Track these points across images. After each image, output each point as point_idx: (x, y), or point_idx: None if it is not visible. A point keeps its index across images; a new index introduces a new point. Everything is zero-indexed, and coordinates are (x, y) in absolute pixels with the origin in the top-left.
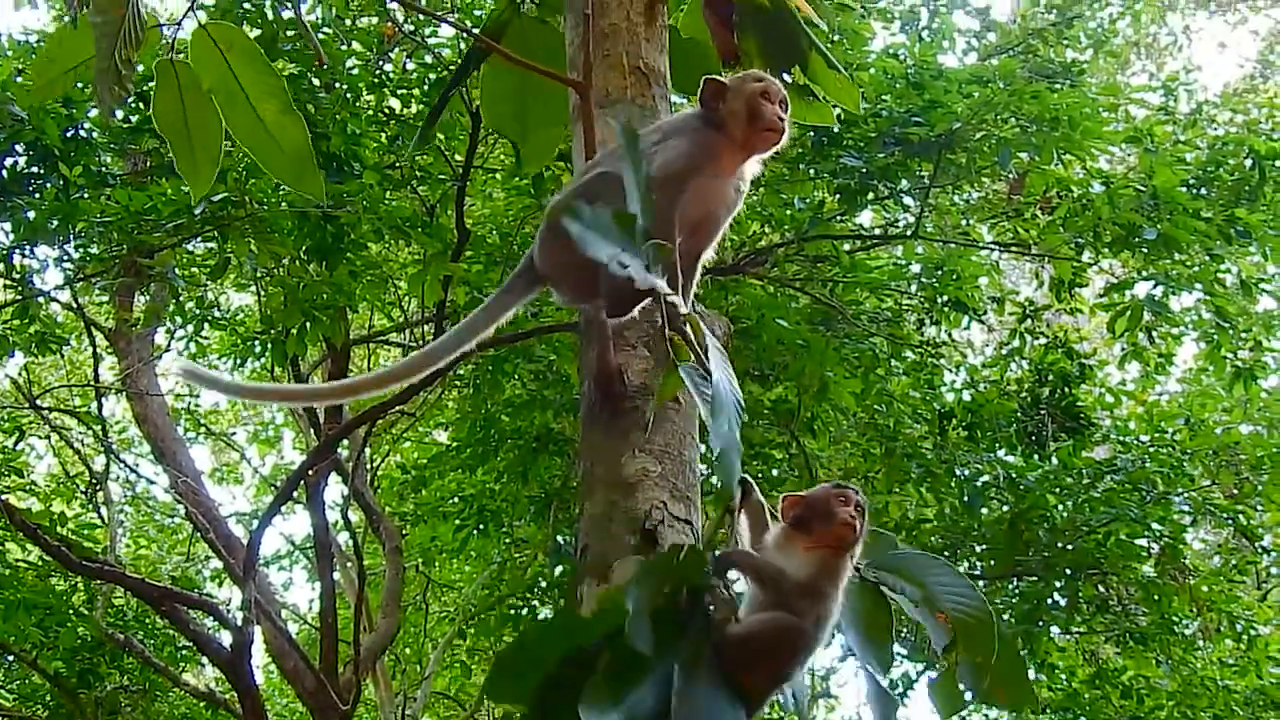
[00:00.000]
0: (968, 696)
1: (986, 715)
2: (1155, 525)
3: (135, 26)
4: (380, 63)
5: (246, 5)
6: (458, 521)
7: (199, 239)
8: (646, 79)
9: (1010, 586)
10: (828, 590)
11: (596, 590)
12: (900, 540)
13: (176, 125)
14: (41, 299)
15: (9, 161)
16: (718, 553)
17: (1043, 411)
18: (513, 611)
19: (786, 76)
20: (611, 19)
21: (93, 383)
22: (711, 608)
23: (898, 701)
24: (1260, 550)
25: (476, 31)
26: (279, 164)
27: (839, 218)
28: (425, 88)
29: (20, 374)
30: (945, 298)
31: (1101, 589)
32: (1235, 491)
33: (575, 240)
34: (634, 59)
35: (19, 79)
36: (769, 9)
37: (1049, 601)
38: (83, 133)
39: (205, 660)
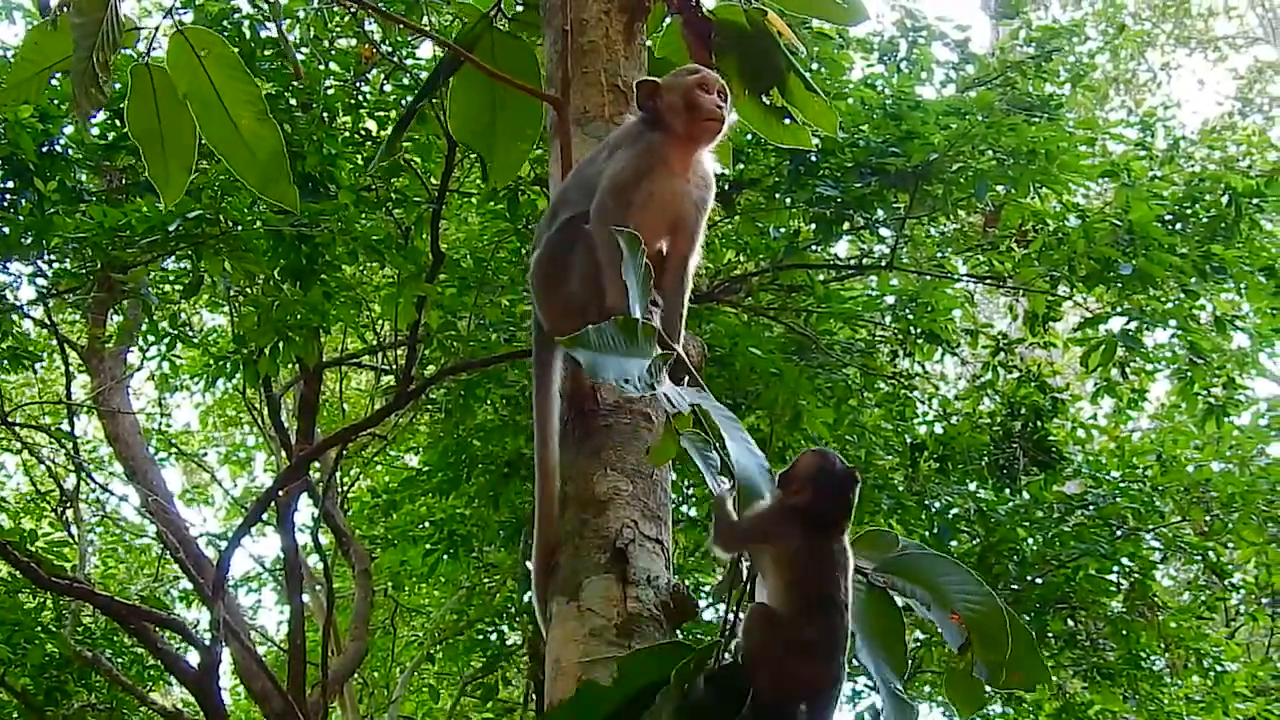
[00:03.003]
0: (986, 691)
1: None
2: (1125, 561)
3: (113, 29)
4: (358, 84)
5: (224, 24)
6: (428, 546)
7: (173, 257)
8: (624, 96)
9: None
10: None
11: (567, 608)
12: None
13: (150, 131)
14: (14, 315)
15: None
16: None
17: (1014, 445)
18: (481, 637)
19: (765, 99)
20: (590, 36)
21: (64, 400)
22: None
23: (915, 708)
24: (1229, 587)
25: (453, 43)
26: (253, 172)
27: (814, 247)
28: (402, 109)
29: None
30: (919, 329)
31: (1070, 623)
32: (1205, 528)
33: (579, 356)
34: (612, 76)
35: None
36: (748, 30)
37: None
38: (58, 148)
39: (173, 679)
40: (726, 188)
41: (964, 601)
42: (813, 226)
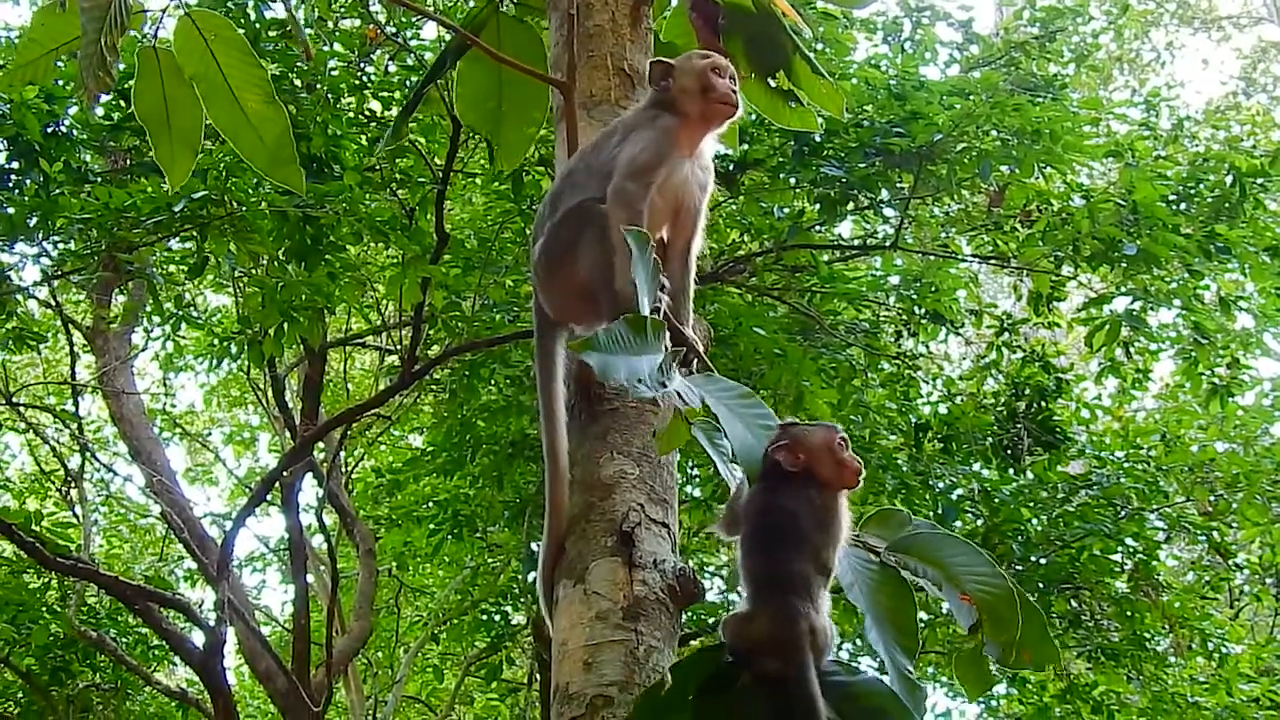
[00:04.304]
0: (995, 671)
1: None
2: (1129, 541)
3: (121, 11)
4: (362, 65)
5: (230, 4)
6: (432, 526)
7: (178, 237)
8: (631, 80)
9: None
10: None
11: (573, 591)
12: None
13: (157, 114)
14: (19, 295)
15: None
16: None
17: (1019, 425)
18: (485, 617)
19: (771, 81)
20: (596, 20)
21: (69, 380)
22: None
23: (924, 690)
24: (1233, 568)
25: (459, 27)
26: (260, 155)
27: (818, 227)
28: (406, 90)
29: None
30: (923, 310)
31: (1074, 604)
32: (1210, 508)
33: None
34: (618, 60)
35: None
36: (754, 12)
37: None
38: (63, 129)
39: (178, 660)
40: (731, 168)
41: (974, 582)
42: (817, 207)
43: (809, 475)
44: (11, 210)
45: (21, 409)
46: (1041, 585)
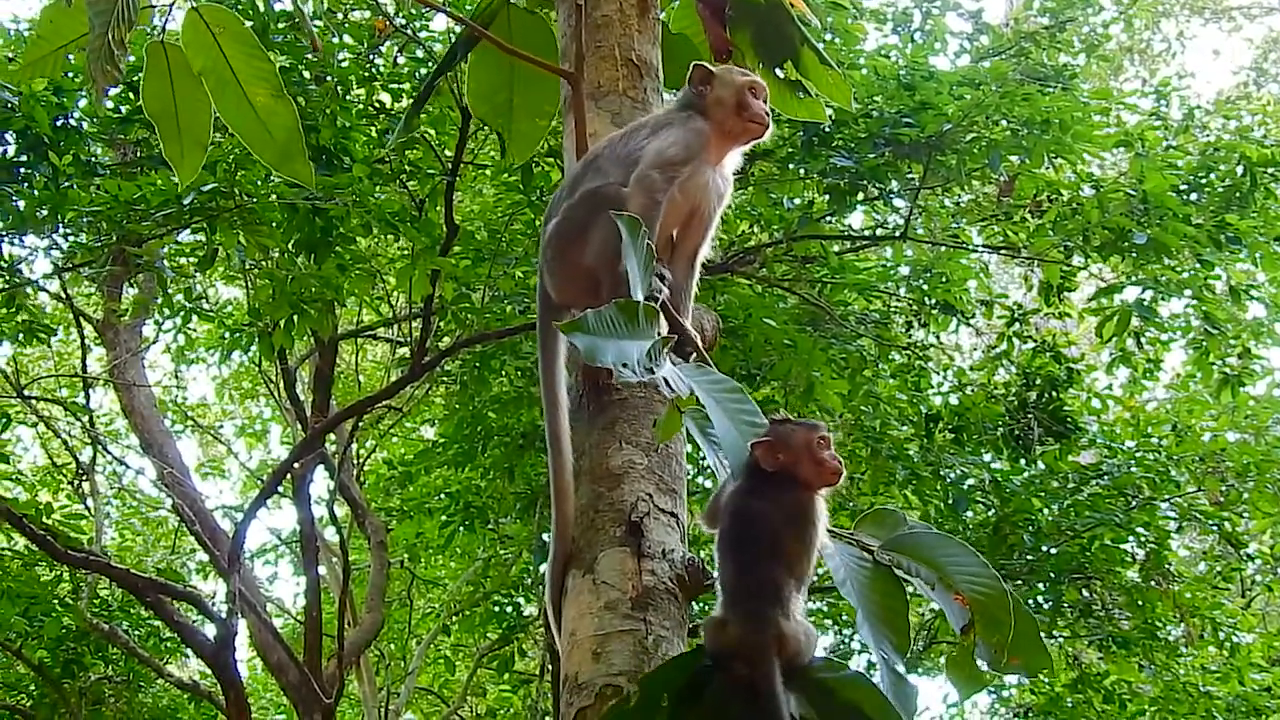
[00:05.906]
0: (986, 672)
1: None
2: (1140, 531)
3: (128, 6)
4: (371, 57)
5: None
6: (443, 517)
7: (188, 230)
8: (639, 71)
9: None
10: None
11: (582, 581)
12: None
13: (165, 109)
14: (30, 288)
15: None
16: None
17: (1029, 415)
18: (497, 608)
19: (779, 72)
20: (604, 10)
21: (80, 373)
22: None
23: (915, 688)
24: (1245, 557)
25: (468, 19)
26: (268, 149)
27: (828, 218)
28: (416, 82)
29: (7, 363)
30: (933, 300)
31: (1085, 593)
32: (1221, 498)
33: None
34: (626, 51)
35: (9, 65)
36: (762, 3)
37: (1033, 605)
38: (73, 122)
39: (190, 652)
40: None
41: (968, 583)
42: (827, 197)
43: (788, 474)
44: (21, 203)
45: (33, 402)
46: (1053, 575)
